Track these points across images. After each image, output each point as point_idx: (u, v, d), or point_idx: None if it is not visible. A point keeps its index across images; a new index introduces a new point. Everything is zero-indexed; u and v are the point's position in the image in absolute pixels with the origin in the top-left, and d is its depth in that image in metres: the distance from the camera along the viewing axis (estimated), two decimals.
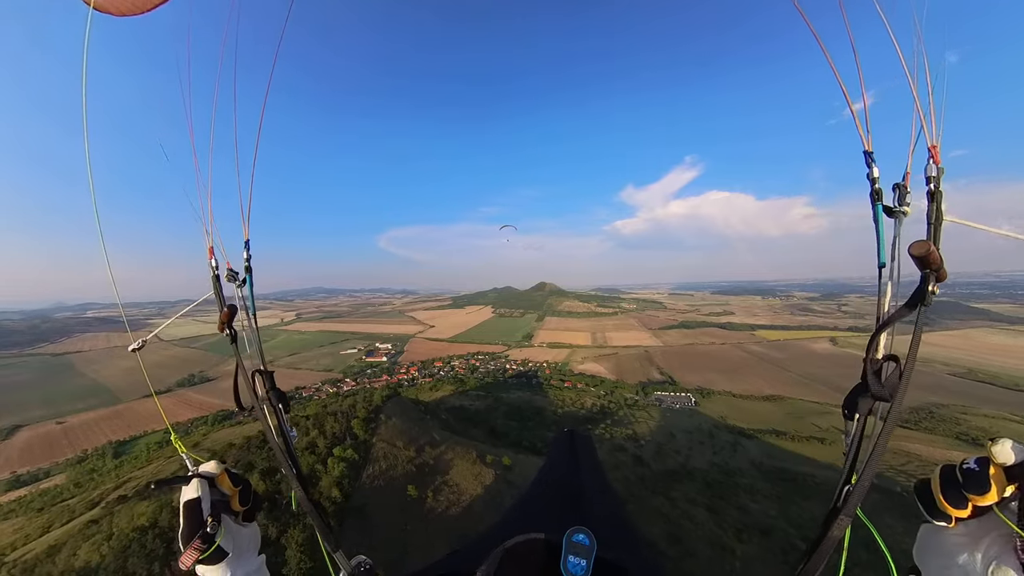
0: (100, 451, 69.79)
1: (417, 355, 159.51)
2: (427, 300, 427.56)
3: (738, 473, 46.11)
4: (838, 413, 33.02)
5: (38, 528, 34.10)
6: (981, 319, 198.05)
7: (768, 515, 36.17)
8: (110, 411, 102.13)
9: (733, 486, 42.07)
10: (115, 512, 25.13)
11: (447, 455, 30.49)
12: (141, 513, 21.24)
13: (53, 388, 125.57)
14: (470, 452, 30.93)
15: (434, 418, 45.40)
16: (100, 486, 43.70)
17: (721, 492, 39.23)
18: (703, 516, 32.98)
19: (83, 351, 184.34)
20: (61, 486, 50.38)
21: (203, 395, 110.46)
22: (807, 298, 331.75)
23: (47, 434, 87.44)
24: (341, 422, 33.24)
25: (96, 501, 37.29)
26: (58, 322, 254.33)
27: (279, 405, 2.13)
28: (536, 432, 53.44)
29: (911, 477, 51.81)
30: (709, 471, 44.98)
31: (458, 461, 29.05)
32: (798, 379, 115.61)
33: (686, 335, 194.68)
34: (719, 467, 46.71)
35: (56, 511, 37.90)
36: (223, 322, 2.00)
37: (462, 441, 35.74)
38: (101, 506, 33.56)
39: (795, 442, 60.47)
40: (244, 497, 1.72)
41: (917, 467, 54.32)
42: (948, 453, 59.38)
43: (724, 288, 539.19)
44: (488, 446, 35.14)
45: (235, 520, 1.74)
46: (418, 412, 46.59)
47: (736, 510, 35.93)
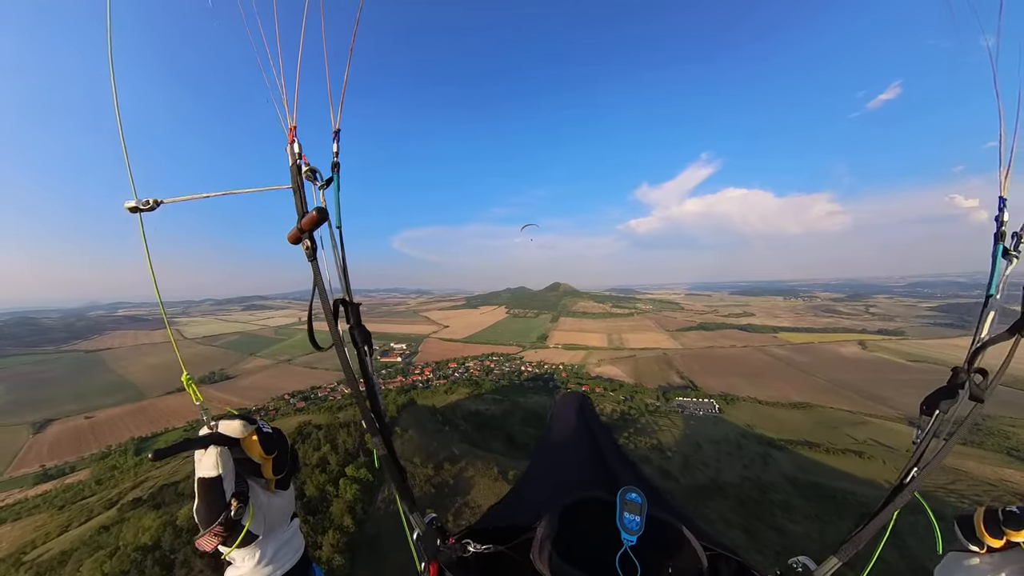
0: (122, 447, 71.66)
1: (431, 355, 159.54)
2: (441, 300, 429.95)
3: (771, 489, 43.37)
4: (874, 424, 29.43)
5: (58, 527, 34.47)
6: None
7: (809, 538, 33.63)
8: (135, 407, 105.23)
9: (767, 503, 39.52)
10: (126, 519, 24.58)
11: (467, 472, 28.73)
12: (147, 528, 20.50)
13: (84, 384, 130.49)
14: (491, 468, 29.12)
15: (453, 429, 43.63)
16: (119, 484, 44.23)
17: (756, 511, 36.74)
18: (740, 539, 30.64)
19: (113, 348, 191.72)
20: (84, 482, 51.44)
21: (223, 393, 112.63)
22: (831, 299, 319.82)
23: (75, 428, 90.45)
24: (354, 436, 31.87)
25: (114, 500, 37.53)
26: (91, 320, 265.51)
27: (364, 347, 1.74)
28: None
29: (962, 498, 48.04)
30: (741, 486, 42.40)
31: (479, 479, 27.32)
32: (826, 385, 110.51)
33: (705, 337, 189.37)
34: (751, 482, 44.02)
35: (76, 510, 38.47)
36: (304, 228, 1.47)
37: (482, 455, 34.04)
38: (117, 507, 33.64)
39: (830, 455, 57.01)
40: (279, 465, 1.30)
41: (968, 486, 50.44)
42: (1001, 471, 55.00)
43: (743, 288, 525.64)
44: (508, 459, 33.51)
45: (265, 488, 1.33)
46: (435, 423, 44.99)
47: (773, 531, 33.49)
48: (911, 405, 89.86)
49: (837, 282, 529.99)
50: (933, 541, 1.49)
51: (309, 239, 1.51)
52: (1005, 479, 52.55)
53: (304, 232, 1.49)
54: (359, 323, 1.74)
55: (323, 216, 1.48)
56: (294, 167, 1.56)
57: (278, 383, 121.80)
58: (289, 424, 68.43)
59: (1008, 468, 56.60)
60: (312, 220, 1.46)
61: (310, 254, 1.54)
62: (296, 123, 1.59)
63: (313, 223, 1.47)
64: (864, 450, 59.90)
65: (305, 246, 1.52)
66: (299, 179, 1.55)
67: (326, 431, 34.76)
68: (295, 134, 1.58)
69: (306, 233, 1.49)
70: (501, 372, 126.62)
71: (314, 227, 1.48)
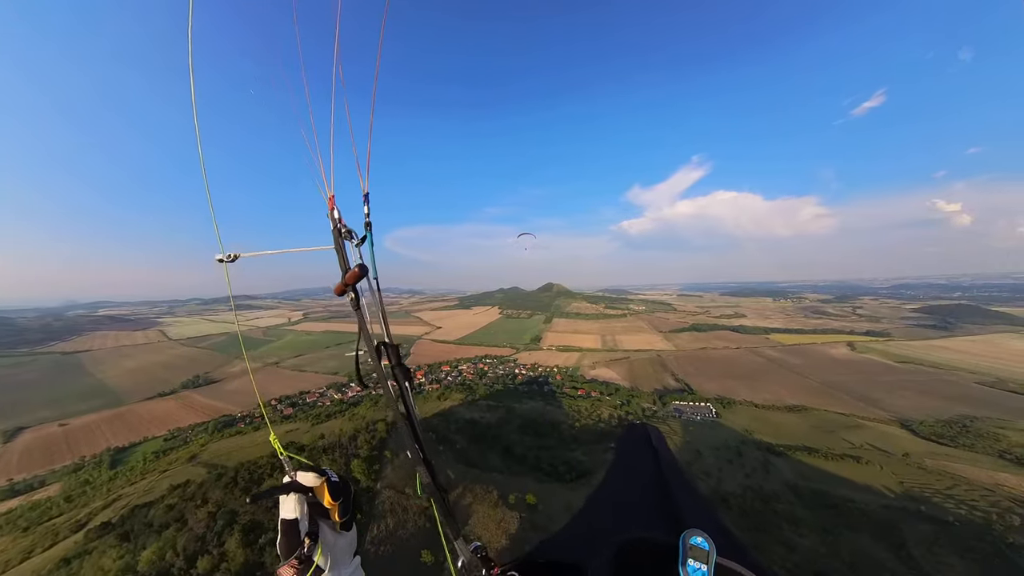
0: (97, 459, 67.92)
1: (424, 358, 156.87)
2: (433, 300, 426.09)
3: (775, 498, 42.50)
4: (869, 427, 26.87)
5: (20, 553, 31.78)
6: (1003, 324, 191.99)
7: (818, 552, 32.65)
8: (113, 413, 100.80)
9: (772, 514, 38.58)
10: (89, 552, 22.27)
11: (465, 498, 26.42)
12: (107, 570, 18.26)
13: (60, 388, 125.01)
14: (490, 492, 27.24)
15: (447, 447, 41.54)
16: (90, 503, 41.45)
17: (762, 524, 35.73)
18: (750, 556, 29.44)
19: (92, 350, 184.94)
20: (52, 499, 48.27)
21: (208, 398, 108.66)
22: (820, 300, 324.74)
23: (48, 437, 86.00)
24: (339, 462, 29.72)
25: (82, 522, 34.97)
26: (70, 320, 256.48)
27: (405, 383, 1.99)
28: (556, 452, 50.00)
29: (961, 503, 47.76)
30: (744, 496, 41.45)
31: (478, 506, 25.46)
32: (820, 387, 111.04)
33: (698, 338, 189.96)
34: (754, 491, 43.13)
35: (41, 532, 35.77)
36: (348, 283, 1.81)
37: (480, 476, 32.07)
38: (85, 530, 31.17)
39: (829, 460, 56.58)
40: (344, 510, 1.69)
41: (966, 491, 50.26)
42: (995, 475, 55.10)
43: (733, 289, 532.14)
44: (508, 476, 31.84)
45: (333, 529, 1.70)
46: (428, 442, 42.32)
47: (782, 547, 32.45)
48: (903, 408, 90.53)
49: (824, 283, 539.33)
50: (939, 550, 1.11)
51: (353, 291, 1.82)
52: (1001, 483, 52.48)
53: (348, 286, 1.80)
54: (400, 362, 1.95)
55: (363, 272, 1.80)
56: (335, 231, 1.84)
57: (265, 387, 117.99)
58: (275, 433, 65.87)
59: (1003, 472, 56.71)
60: (355, 276, 1.77)
61: (354, 304, 1.83)
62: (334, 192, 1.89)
63: (356, 278, 1.78)
64: (861, 455, 59.59)
65: (350, 297, 1.83)
66: (340, 241, 1.84)
67: (308, 456, 32.20)
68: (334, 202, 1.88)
69: (350, 287, 1.80)
70: (495, 375, 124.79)
71: (356, 281, 1.80)
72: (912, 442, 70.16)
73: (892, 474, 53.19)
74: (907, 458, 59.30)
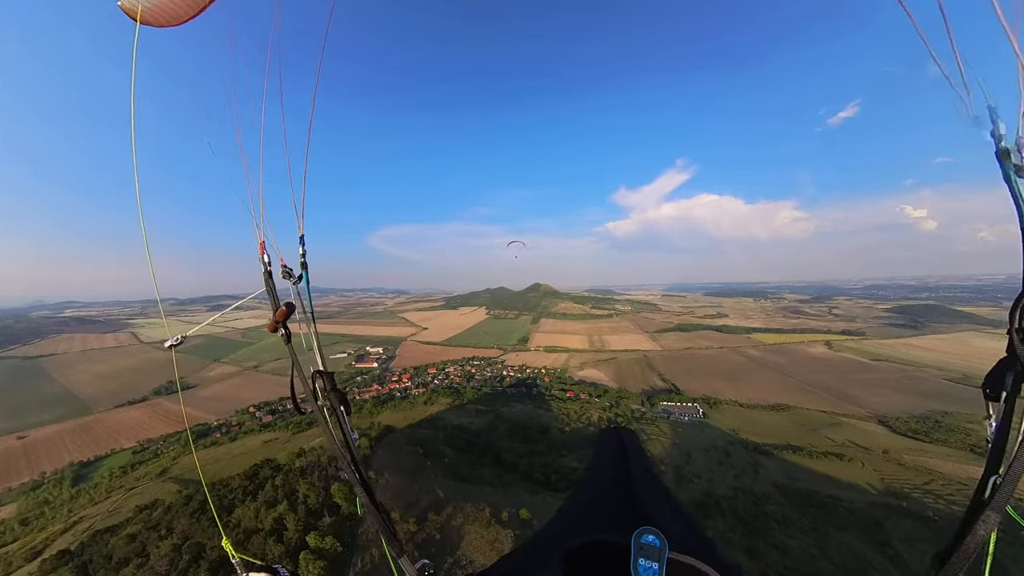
0: (59, 475, 63.16)
1: (409, 360, 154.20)
2: (419, 300, 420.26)
3: (765, 500, 42.79)
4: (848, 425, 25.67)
5: None
6: (968, 323, 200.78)
7: (810, 554, 32.82)
8: (77, 423, 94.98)
9: (763, 516, 38.76)
10: None
11: (455, 519, 25.17)
12: None
13: (20, 396, 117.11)
14: (482, 509, 25.86)
15: (435, 462, 39.53)
16: (49, 526, 38.36)
17: (755, 527, 35.78)
18: (745, 561, 29.29)
19: (57, 354, 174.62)
20: (7, 522, 44.53)
21: (179, 406, 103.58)
22: (798, 300, 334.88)
23: (5, 452, 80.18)
24: (317, 488, 27.17)
25: (38, 549, 32.15)
26: (33, 322, 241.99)
27: (340, 408, 2.09)
28: (546, 458, 49.14)
29: (939, 498, 49.15)
30: (736, 498, 41.54)
31: (468, 526, 24.01)
32: (801, 386, 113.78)
33: (683, 338, 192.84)
34: (744, 493, 43.31)
35: None
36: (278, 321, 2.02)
37: (471, 491, 30.69)
38: (41, 559, 28.62)
39: (813, 459, 57.60)
40: None
41: (943, 486, 51.78)
42: (968, 469, 57.04)
43: (715, 289, 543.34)
44: (499, 489, 30.66)
45: None
46: (415, 457, 41.14)
47: (776, 551, 32.45)
48: (880, 404, 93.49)
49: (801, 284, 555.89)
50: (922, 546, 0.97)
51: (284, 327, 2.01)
52: (973, 477, 52.75)
53: (279, 323, 2.00)
54: (335, 387, 2.07)
55: (291, 309, 2.03)
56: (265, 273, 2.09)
57: (244, 393, 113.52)
58: (252, 444, 62.84)
59: (973, 466, 58.59)
60: (283, 314, 2.00)
61: (285, 340, 2.06)
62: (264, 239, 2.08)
63: (284, 316, 2.00)
64: (843, 452, 60.90)
65: (281, 334, 2.04)
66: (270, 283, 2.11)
67: (284, 479, 29.74)
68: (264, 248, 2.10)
69: (281, 324, 2.00)
70: (483, 377, 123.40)
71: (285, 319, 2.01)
72: (890, 438, 72.33)
73: (874, 471, 54.45)
74: (887, 455, 60.94)
